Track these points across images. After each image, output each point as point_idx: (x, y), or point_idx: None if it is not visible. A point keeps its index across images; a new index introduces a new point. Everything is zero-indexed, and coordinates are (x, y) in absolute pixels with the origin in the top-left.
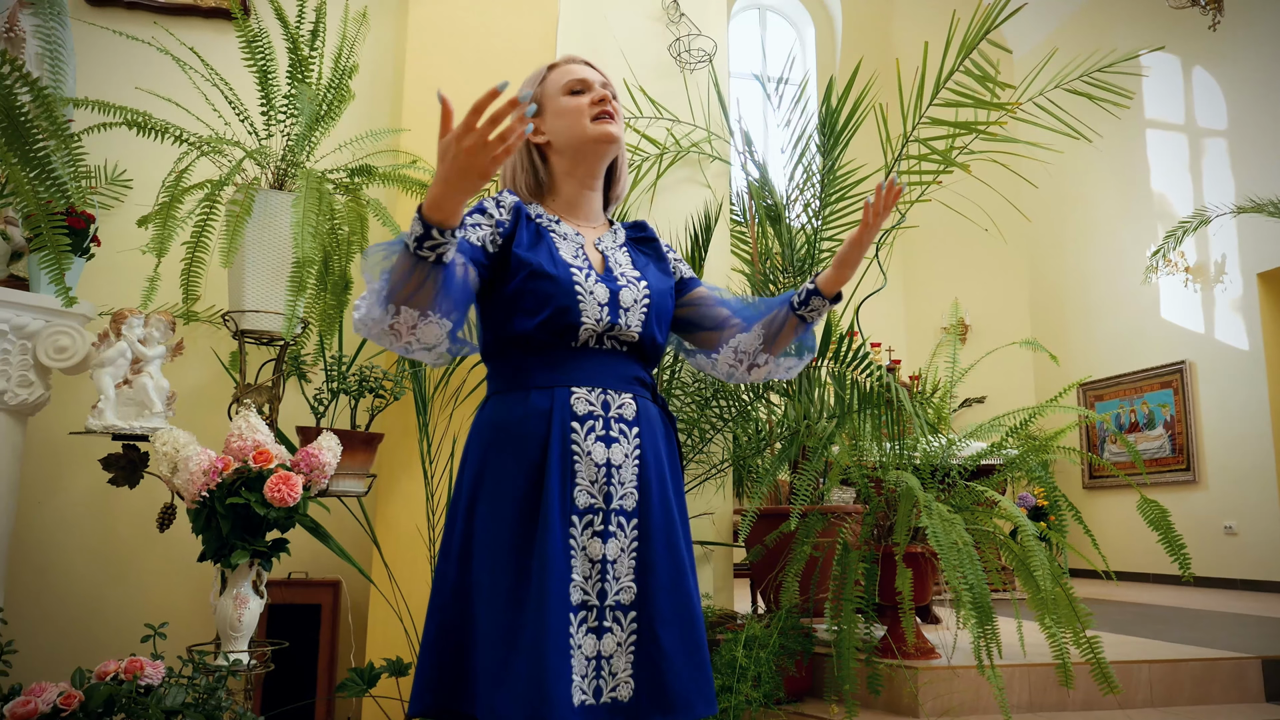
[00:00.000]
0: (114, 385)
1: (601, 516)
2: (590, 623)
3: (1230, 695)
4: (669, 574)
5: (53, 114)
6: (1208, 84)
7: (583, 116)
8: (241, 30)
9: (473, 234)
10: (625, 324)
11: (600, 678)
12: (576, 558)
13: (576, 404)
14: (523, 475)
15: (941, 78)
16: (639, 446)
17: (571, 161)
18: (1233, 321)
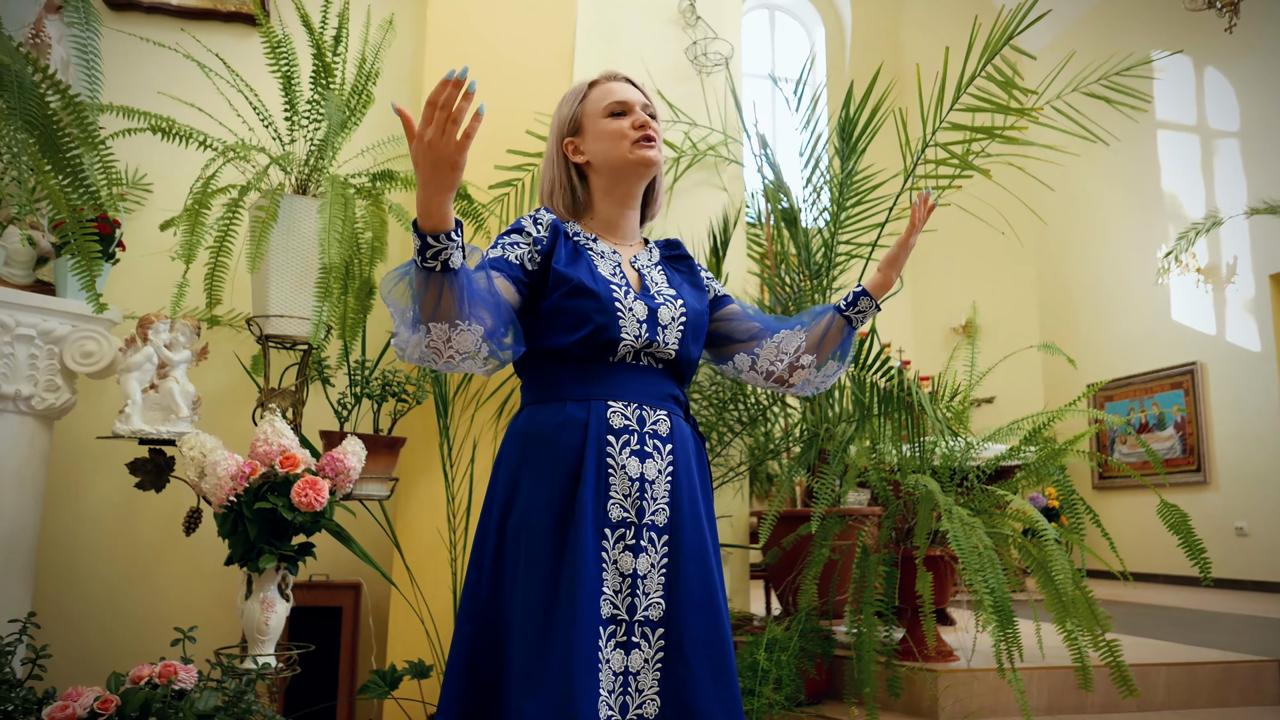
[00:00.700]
0: (141, 390)
1: (633, 531)
2: (619, 637)
3: (1248, 698)
4: (699, 592)
5: (83, 121)
6: (1220, 85)
7: (623, 140)
8: (266, 36)
9: (510, 253)
10: (663, 341)
11: (627, 693)
12: (608, 571)
13: (613, 418)
14: (557, 486)
15: (962, 82)
16: (672, 463)
17: (610, 182)
18: (1244, 322)
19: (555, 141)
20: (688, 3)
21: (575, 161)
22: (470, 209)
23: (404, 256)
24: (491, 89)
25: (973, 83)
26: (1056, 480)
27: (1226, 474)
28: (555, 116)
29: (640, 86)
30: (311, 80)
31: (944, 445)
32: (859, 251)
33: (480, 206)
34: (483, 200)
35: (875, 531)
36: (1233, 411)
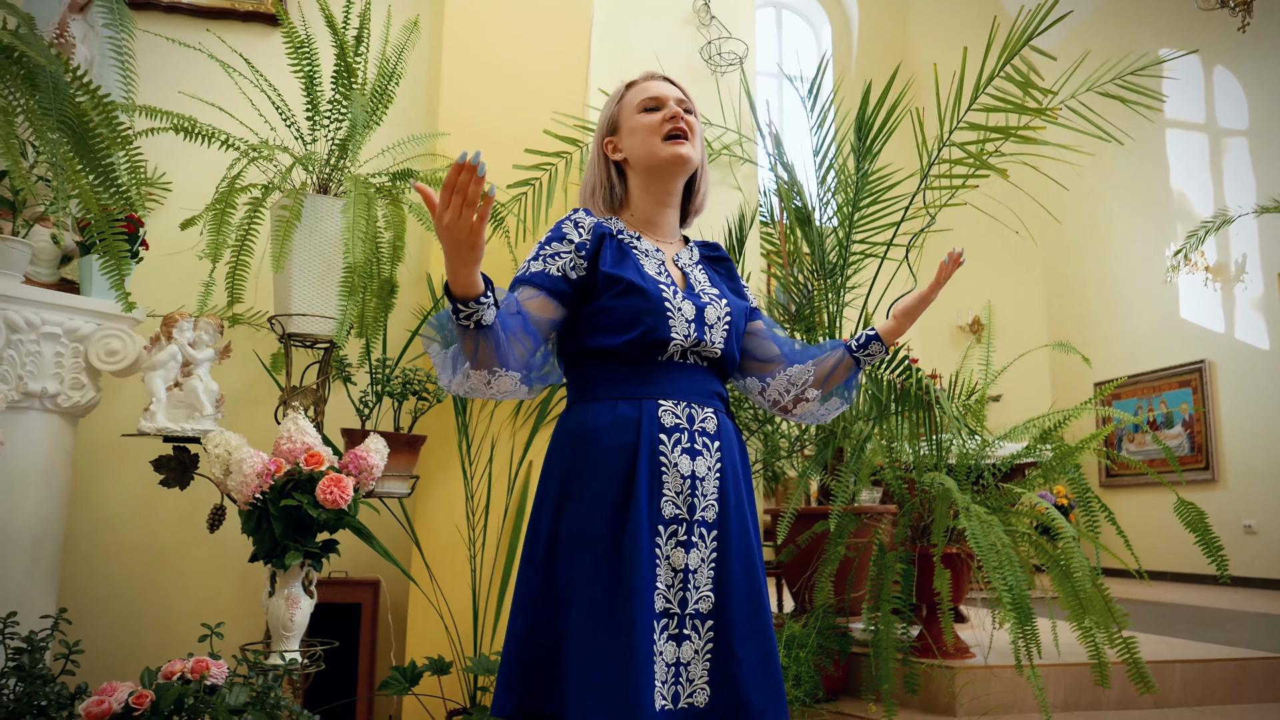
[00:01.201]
0: (165, 388)
1: (685, 527)
2: (671, 630)
3: (1263, 694)
4: (745, 585)
5: (112, 121)
6: (1229, 83)
7: (654, 135)
8: (289, 36)
9: (551, 266)
10: (710, 340)
11: (679, 683)
12: (660, 566)
13: (664, 416)
14: (611, 484)
15: (980, 83)
16: (720, 460)
17: (646, 179)
18: (1253, 321)
19: (596, 142)
20: (702, 3)
21: (614, 160)
22: None
23: (422, 255)
24: (508, 89)
25: (991, 83)
26: (1071, 478)
27: (1235, 472)
28: (598, 121)
29: (678, 85)
30: (333, 80)
31: (960, 443)
32: (874, 250)
33: (499, 206)
34: (501, 200)
35: (890, 529)
36: (1241, 409)
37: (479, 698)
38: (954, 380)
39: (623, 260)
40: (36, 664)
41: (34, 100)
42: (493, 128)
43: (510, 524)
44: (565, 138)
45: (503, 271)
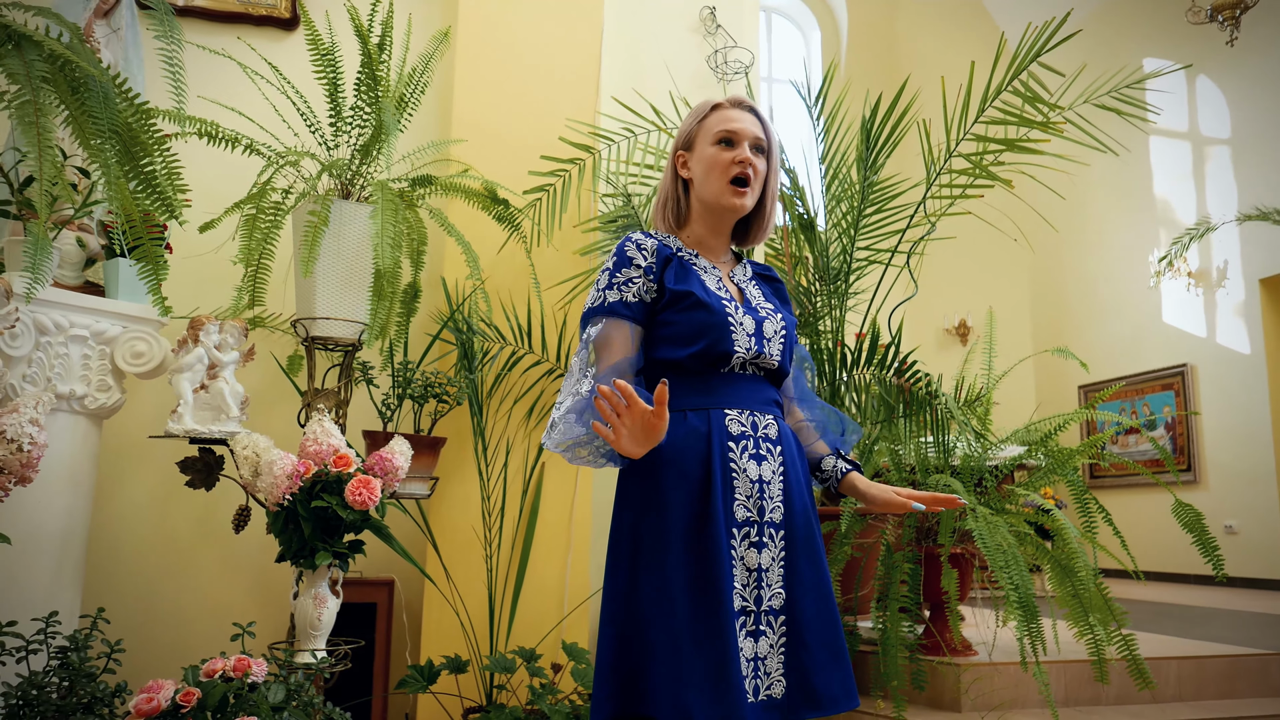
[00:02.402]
0: (192, 390)
1: (756, 529)
2: (749, 626)
3: (1256, 689)
4: (812, 580)
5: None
6: (1212, 92)
7: (722, 176)
8: (314, 44)
9: (628, 293)
10: (769, 353)
11: (758, 677)
12: (736, 567)
13: (730, 425)
14: (688, 492)
15: (987, 95)
16: (783, 463)
17: (703, 209)
18: (1234, 326)
19: (672, 151)
20: (708, 11)
21: (682, 175)
22: (506, 213)
23: (441, 260)
24: (521, 96)
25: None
26: (1070, 480)
27: (1216, 474)
28: (677, 132)
29: (763, 118)
30: (356, 87)
31: (965, 446)
32: (878, 257)
33: (516, 211)
34: (517, 205)
35: (895, 530)
36: (1222, 412)
37: (496, 696)
38: (958, 384)
39: (686, 277)
40: (84, 662)
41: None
42: (507, 133)
43: (525, 524)
44: (579, 144)
45: (518, 276)
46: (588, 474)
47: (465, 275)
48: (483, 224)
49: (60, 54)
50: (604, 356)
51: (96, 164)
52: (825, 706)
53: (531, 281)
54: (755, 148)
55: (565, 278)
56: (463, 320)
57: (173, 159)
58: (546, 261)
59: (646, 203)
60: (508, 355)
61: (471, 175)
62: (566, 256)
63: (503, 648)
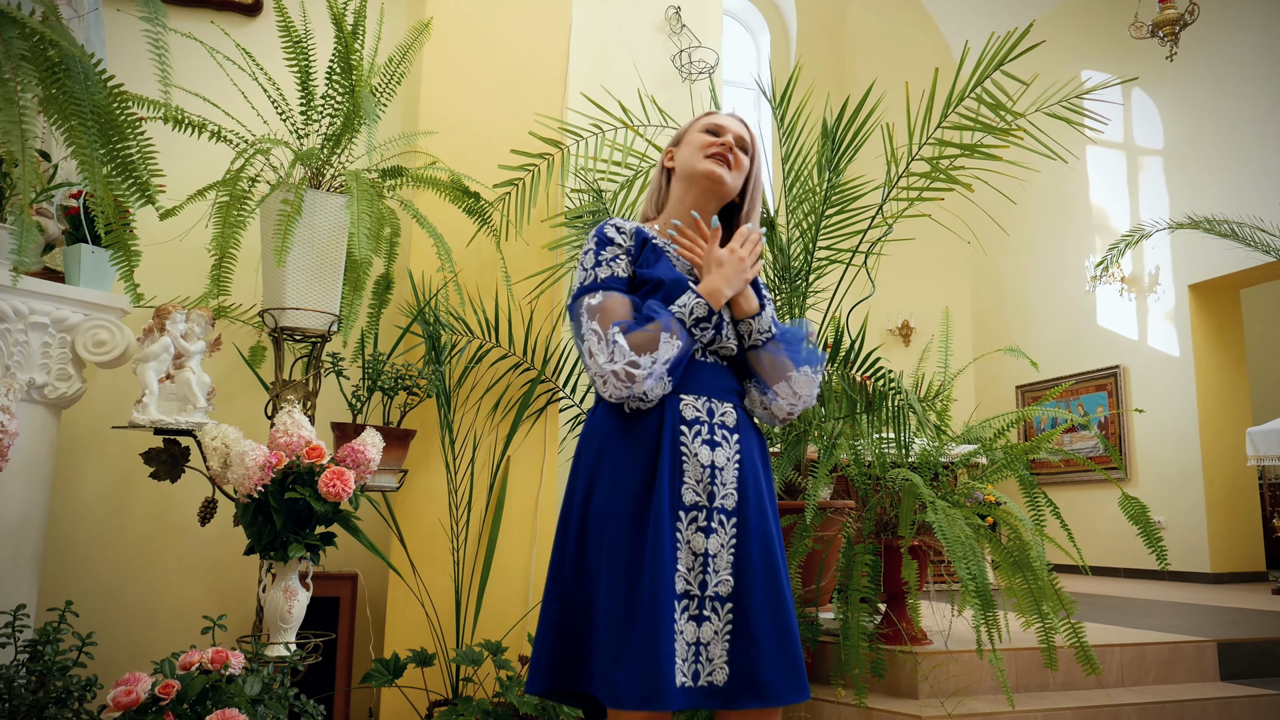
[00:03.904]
0: (158, 380)
1: (705, 514)
2: (691, 610)
3: (1192, 675)
4: (764, 571)
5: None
6: (1147, 105)
7: (701, 152)
8: (286, 30)
9: (617, 268)
10: (725, 336)
11: (699, 662)
12: (681, 550)
13: (685, 410)
14: (636, 474)
15: (950, 101)
16: (739, 451)
17: (683, 190)
18: (1165, 329)
19: (663, 153)
20: (673, 11)
21: (667, 167)
22: (477, 206)
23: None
24: (490, 90)
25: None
26: (1021, 476)
27: (1146, 471)
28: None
29: (749, 130)
30: (327, 75)
31: (924, 442)
32: (839, 257)
33: (486, 204)
34: (487, 198)
35: (854, 524)
36: (1152, 412)
37: (462, 689)
38: (917, 381)
39: (656, 262)
40: (57, 654)
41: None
42: (476, 127)
43: (491, 517)
44: (548, 140)
45: (486, 270)
46: (553, 467)
47: (434, 268)
48: (451, 218)
49: (39, 32)
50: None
51: (73, 146)
52: (769, 698)
53: (499, 275)
54: (739, 145)
55: (532, 272)
56: (431, 313)
57: (147, 143)
58: (514, 256)
59: (614, 198)
60: (475, 349)
61: (439, 168)
62: (534, 251)
63: (469, 641)
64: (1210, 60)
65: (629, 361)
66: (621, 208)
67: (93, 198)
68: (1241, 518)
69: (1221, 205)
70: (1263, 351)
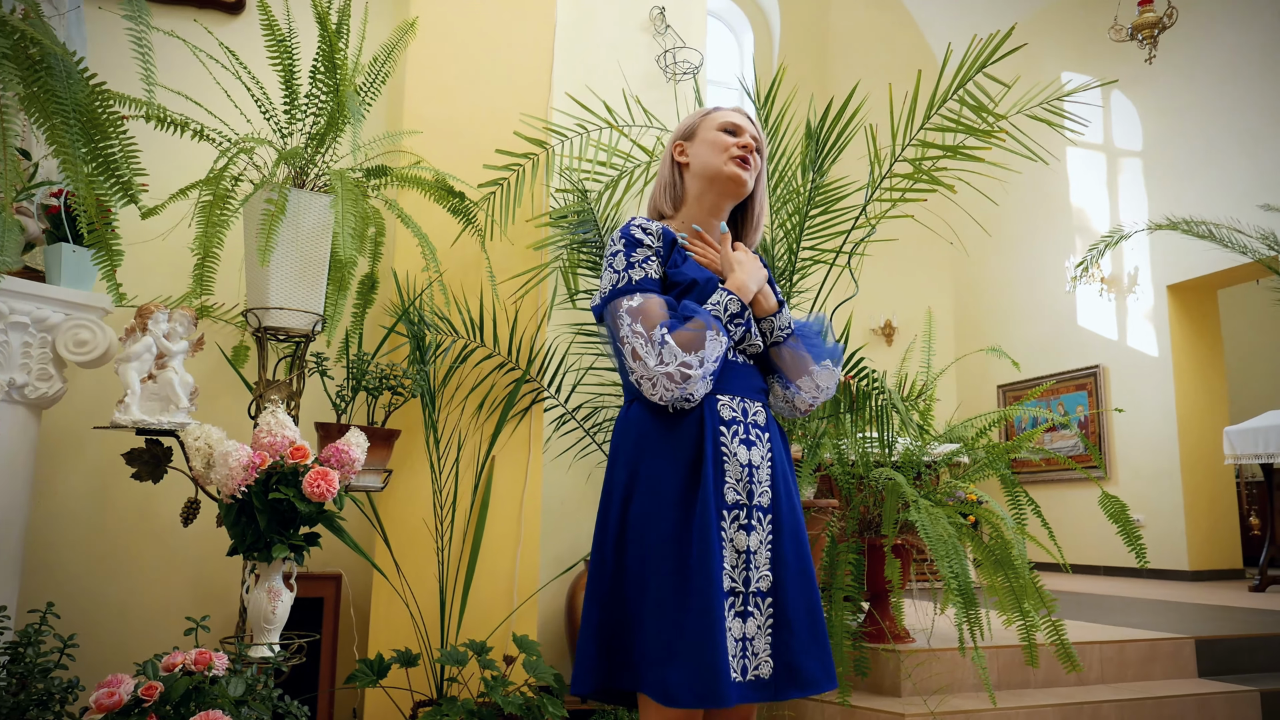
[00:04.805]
0: (139, 380)
1: (745, 512)
2: (737, 608)
3: (1169, 671)
4: (797, 563)
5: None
6: (1126, 107)
7: (724, 152)
8: (269, 29)
9: (650, 269)
10: (753, 333)
11: (746, 657)
12: (726, 549)
13: (722, 410)
14: (678, 474)
15: (933, 104)
16: (770, 450)
17: (701, 189)
18: (1144, 330)
19: (670, 144)
20: (657, 11)
21: (679, 161)
22: (462, 206)
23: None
24: (474, 90)
25: (944, 104)
26: (1002, 475)
27: (1125, 470)
28: (676, 128)
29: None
30: (311, 74)
31: (907, 442)
32: (823, 258)
33: (471, 204)
34: (472, 198)
35: (838, 523)
36: (1131, 412)
37: (447, 689)
38: (901, 381)
39: (684, 262)
40: (39, 656)
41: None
42: (460, 127)
43: (476, 517)
44: (533, 139)
45: (470, 270)
46: (538, 467)
47: (419, 268)
48: (435, 217)
49: (20, 29)
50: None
51: (54, 145)
52: (808, 687)
53: (484, 275)
54: (756, 144)
55: (517, 272)
56: (416, 313)
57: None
58: (499, 256)
59: (599, 198)
60: (460, 348)
61: (424, 168)
62: (519, 251)
63: (453, 641)
64: (1189, 63)
65: (681, 363)
66: (606, 207)
67: (74, 197)
68: (1219, 516)
69: (1200, 206)
70: (1240, 351)
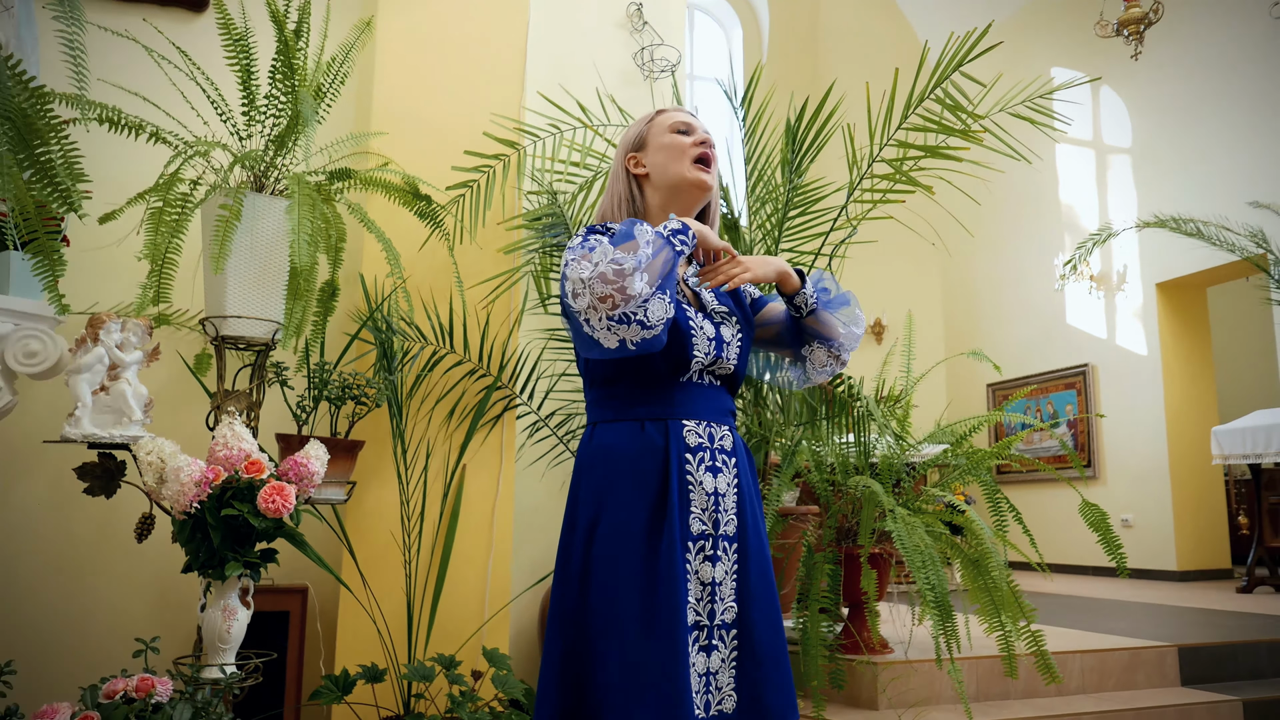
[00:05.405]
0: (91, 392)
1: (711, 542)
2: (701, 641)
3: (1153, 680)
4: (763, 595)
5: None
6: (1115, 103)
7: (684, 156)
8: (225, 28)
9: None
10: (726, 358)
11: (709, 692)
12: (691, 581)
13: (688, 436)
14: (644, 505)
15: (910, 103)
16: (737, 475)
17: (665, 199)
18: (1133, 328)
19: (620, 159)
20: (635, 8)
21: (635, 174)
22: (429, 210)
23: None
24: (444, 89)
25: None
26: (983, 481)
27: (1114, 469)
28: (622, 139)
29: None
30: (271, 74)
31: (885, 448)
32: (801, 259)
33: (438, 208)
34: (440, 201)
35: (815, 531)
36: (1120, 411)
37: (414, 705)
38: (879, 386)
39: None
40: None
41: None
42: (430, 127)
43: (445, 528)
44: (504, 140)
45: (440, 273)
46: (510, 475)
47: (385, 272)
48: (403, 219)
49: None
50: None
51: None
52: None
53: (454, 279)
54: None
55: (488, 276)
56: (382, 319)
57: (71, 147)
58: (469, 259)
59: (572, 200)
60: (429, 355)
61: (392, 169)
62: (490, 255)
63: (422, 655)
64: (1177, 58)
65: (612, 259)
66: (581, 210)
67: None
68: (1207, 515)
69: (1189, 203)
70: (1229, 350)
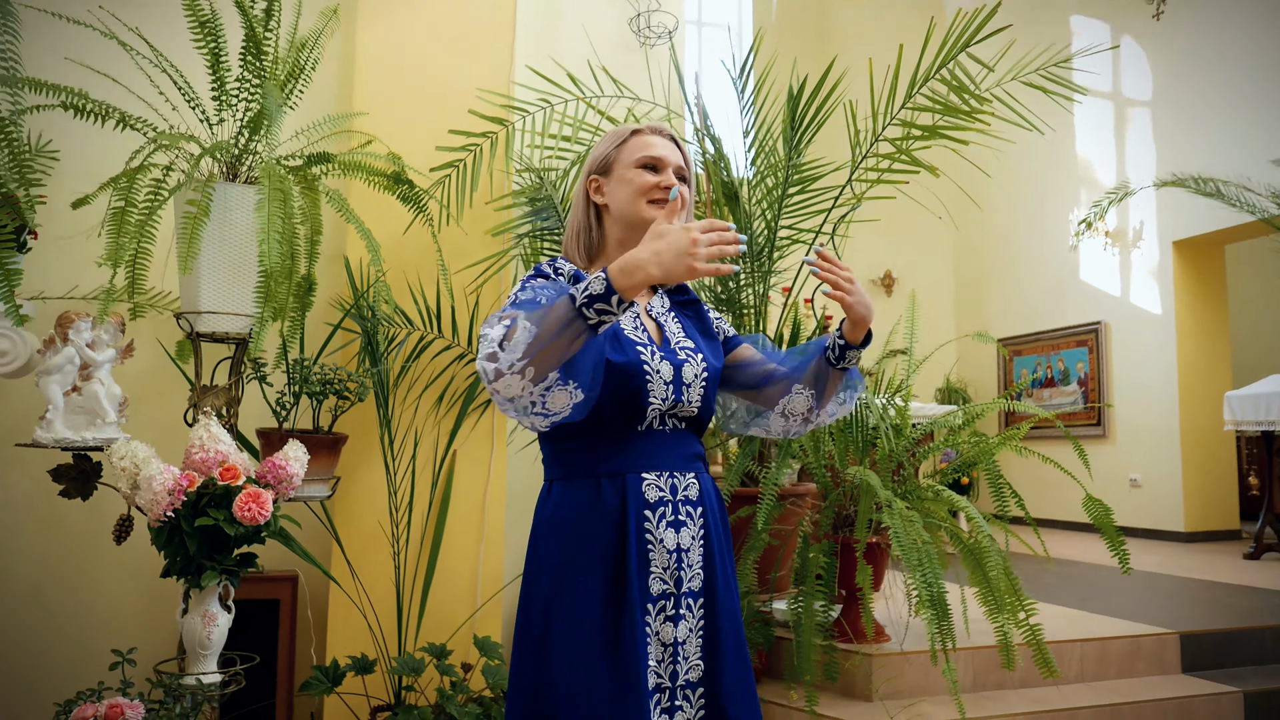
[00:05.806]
0: (62, 393)
1: (673, 601)
2: (663, 704)
3: (1153, 668)
4: (733, 647)
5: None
6: (1136, 54)
7: (642, 197)
8: (193, 12)
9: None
10: (687, 400)
11: None
12: (651, 643)
13: (648, 491)
14: (602, 570)
15: (914, 83)
16: (703, 527)
17: (623, 233)
18: (1148, 286)
19: (583, 178)
20: None
21: (594, 201)
22: (411, 193)
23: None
24: (430, 65)
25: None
26: (987, 468)
27: (1123, 429)
28: (590, 156)
29: (683, 147)
30: (241, 57)
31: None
32: (801, 237)
33: (421, 191)
34: (424, 184)
35: (813, 515)
36: (1132, 370)
37: (404, 696)
38: (879, 378)
39: None
40: None
41: None
42: (414, 105)
43: (435, 516)
44: (492, 117)
45: (426, 255)
46: (502, 460)
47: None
48: (388, 200)
49: None
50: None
51: None
52: None
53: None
54: (679, 176)
55: (477, 259)
56: (367, 308)
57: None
58: (457, 241)
59: (563, 177)
60: (416, 341)
61: (374, 152)
62: (478, 236)
63: (413, 644)
64: (1200, 10)
65: (488, 354)
66: (572, 185)
67: None
68: (1217, 477)
69: (1209, 159)
70: (1246, 311)
